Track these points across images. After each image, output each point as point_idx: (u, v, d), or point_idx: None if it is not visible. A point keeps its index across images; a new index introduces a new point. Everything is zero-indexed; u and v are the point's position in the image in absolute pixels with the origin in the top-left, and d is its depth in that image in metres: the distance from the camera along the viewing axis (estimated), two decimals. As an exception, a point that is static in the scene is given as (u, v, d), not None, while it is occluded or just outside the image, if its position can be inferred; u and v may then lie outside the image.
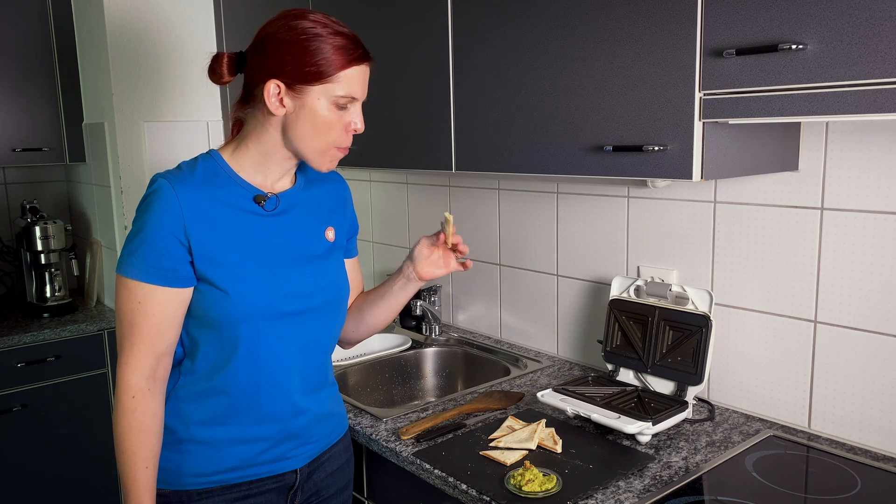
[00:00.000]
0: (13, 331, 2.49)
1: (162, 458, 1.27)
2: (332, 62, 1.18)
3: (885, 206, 1.35)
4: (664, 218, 1.71)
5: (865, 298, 1.39)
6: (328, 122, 1.21)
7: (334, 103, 1.20)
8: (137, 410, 1.20)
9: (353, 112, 1.24)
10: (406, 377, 2.12)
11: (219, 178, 1.25)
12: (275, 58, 1.20)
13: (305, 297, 1.29)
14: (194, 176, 1.23)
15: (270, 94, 1.20)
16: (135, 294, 1.19)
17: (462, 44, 1.65)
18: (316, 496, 1.40)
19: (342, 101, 1.21)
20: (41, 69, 2.68)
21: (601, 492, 1.26)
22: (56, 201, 3.11)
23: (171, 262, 1.19)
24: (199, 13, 2.67)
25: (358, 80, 1.22)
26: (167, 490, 1.27)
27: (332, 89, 1.19)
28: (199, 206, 1.21)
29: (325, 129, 1.22)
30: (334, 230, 1.39)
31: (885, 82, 1.00)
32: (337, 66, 1.18)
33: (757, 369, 1.58)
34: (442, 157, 1.74)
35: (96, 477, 2.65)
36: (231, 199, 1.25)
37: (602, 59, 1.35)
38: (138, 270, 1.19)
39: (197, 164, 1.26)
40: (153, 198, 1.20)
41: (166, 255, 1.19)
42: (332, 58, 1.18)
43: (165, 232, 1.19)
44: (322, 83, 1.18)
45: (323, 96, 1.19)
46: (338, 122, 1.22)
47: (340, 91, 1.20)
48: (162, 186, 1.20)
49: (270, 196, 1.28)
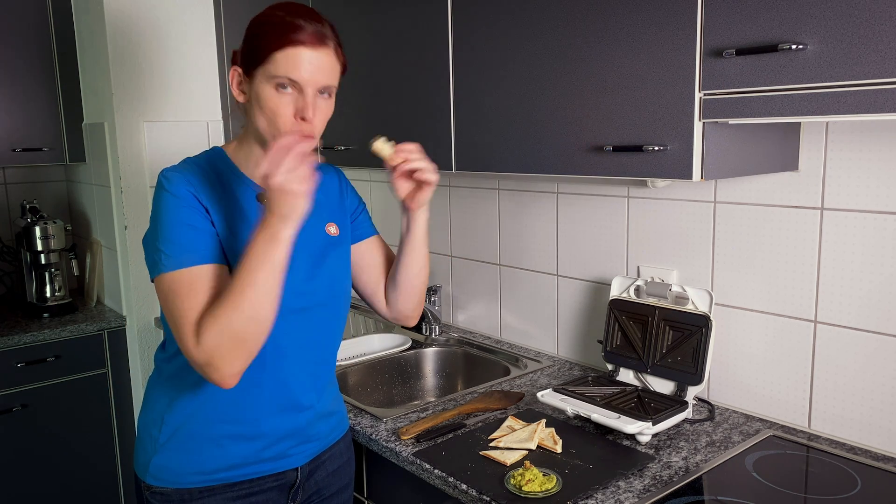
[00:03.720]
0: (13, 331, 2.49)
1: (163, 455, 1.27)
2: (268, 44, 1.15)
3: (884, 206, 1.35)
4: (664, 218, 1.71)
5: (865, 298, 1.39)
6: (271, 105, 1.16)
7: (274, 87, 1.16)
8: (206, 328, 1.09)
9: (300, 98, 1.17)
10: (406, 377, 2.12)
11: (223, 175, 1.25)
12: (240, 46, 1.22)
13: (308, 294, 1.29)
14: (201, 170, 1.24)
15: (233, 81, 1.22)
16: (183, 282, 1.13)
17: (462, 44, 1.65)
18: (317, 495, 1.40)
19: (280, 81, 1.15)
20: (41, 69, 2.68)
21: (601, 492, 1.26)
22: (56, 201, 3.11)
23: (205, 237, 1.16)
24: (199, 13, 2.67)
25: (297, 61, 1.15)
26: (169, 488, 1.27)
27: (269, 70, 1.15)
28: (209, 196, 1.21)
29: (272, 116, 1.17)
30: (336, 224, 1.38)
31: (885, 82, 1.00)
32: (271, 47, 1.15)
33: (757, 369, 1.58)
34: (442, 157, 1.74)
35: (96, 477, 2.65)
36: (236, 194, 1.25)
37: (602, 59, 1.35)
38: (177, 259, 1.14)
39: (203, 159, 1.26)
40: (164, 185, 1.19)
41: (197, 231, 1.16)
42: (269, 39, 1.15)
43: (187, 209, 1.16)
44: (262, 66, 1.16)
45: (264, 79, 1.16)
46: (283, 108, 1.16)
47: (277, 71, 1.14)
48: (170, 176, 1.20)
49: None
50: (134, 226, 2.60)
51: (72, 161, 2.79)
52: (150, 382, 1.37)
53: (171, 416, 1.27)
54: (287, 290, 1.25)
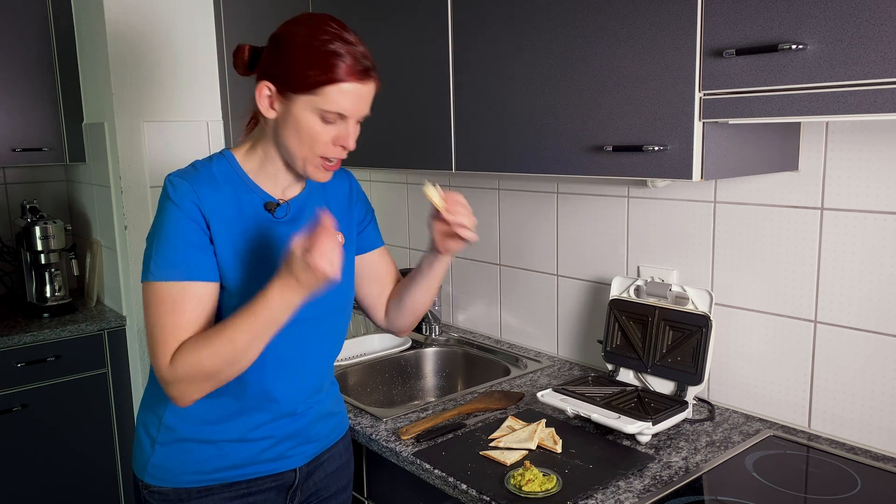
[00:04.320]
0: (13, 331, 2.49)
1: (162, 455, 1.27)
2: (317, 75, 1.13)
3: (884, 206, 1.35)
4: (664, 218, 1.71)
5: (865, 298, 1.39)
6: (312, 133, 1.17)
7: (321, 117, 1.16)
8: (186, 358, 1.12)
9: (343, 127, 1.18)
10: (406, 377, 2.12)
11: (232, 182, 1.23)
12: (273, 59, 1.17)
13: (312, 305, 1.28)
14: (209, 176, 1.21)
15: (262, 96, 1.18)
16: (167, 295, 1.14)
17: (462, 44, 1.65)
18: (315, 496, 1.40)
19: (328, 117, 1.16)
20: (41, 69, 2.68)
21: (601, 492, 1.26)
22: (56, 201, 3.11)
23: (199, 253, 1.16)
24: (199, 13, 2.66)
25: (348, 98, 1.15)
26: (166, 487, 1.27)
27: (318, 102, 1.14)
28: (215, 205, 1.19)
29: (310, 140, 1.17)
30: (342, 234, 1.37)
31: (885, 82, 1.00)
32: (321, 80, 1.13)
33: (757, 369, 1.58)
34: (442, 157, 1.74)
35: (96, 477, 2.65)
36: (243, 203, 1.23)
37: (602, 59, 1.35)
38: (167, 270, 1.14)
39: (212, 164, 1.24)
40: (168, 193, 1.17)
41: (192, 247, 1.15)
42: (319, 70, 1.13)
43: (186, 222, 1.16)
44: (308, 95, 1.14)
45: (309, 107, 1.15)
46: (324, 135, 1.17)
47: (327, 106, 1.14)
48: (175, 183, 1.18)
49: (281, 203, 1.27)
50: (134, 226, 2.60)
51: (72, 161, 2.79)
52: (150, 382, 1.37)
53: (170, 417, 1.27)
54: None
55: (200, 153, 2.71)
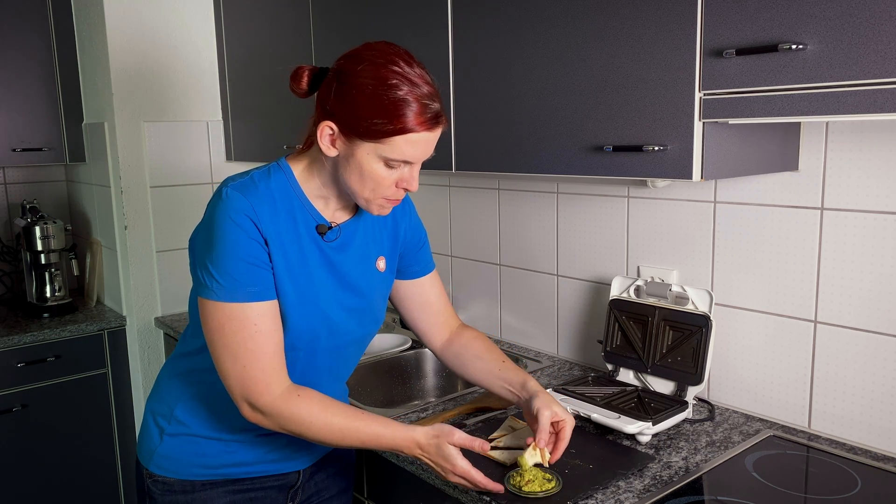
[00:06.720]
0: (13, 331, 2.49)
1: (171, 446, 1.28)
2: (389, 125, 1.08)
3: (884, 206, 1.35)
4: (664, 218, 1.71)
5: (865, 298, 1.39)
6: (376, 178, 1.14)
7: (385, 163, 1.13)
8: (300, 408, 1.15)
9: (408, 170, 1.15)
10: (406, 377, 2.12)
11: (289, 199, 1.20)
12: (337, 100, 1.12)
13: (344, 334, 1.28)
14: (268, 193, 1.17)
15: (324, 135, 1.13)
16: (248, 317, 1.12)
17: (462, 44, 1.65)
18: (316, 496, 1.40)
19: (394, 163, 1.13)
20: (41, 69, 2.68)
21: (601, 492, 1.26)
22: (56, 201, 3.11)
23: (263, 273, 1.14)
24: (199, 13, 2.66)
25: (418, 146, 1.12)
26: (172, 478, 1.28)
27: (383, 151, 1.11)
28: (272, 225, 1.16)
29: (373, 184, 1.14)
30: (385, 259, 1.34)
31: (885, 82, 1.00)
32: (390, 130, 1.09)
33: (757, 369, 1.58)
34: (442, 157, 1.74)
35: (96, 477, 2.65)
36: (298, 223, 1.20)
37: (602, 59, 1.35)
38: (236, 291, 1.12)
39: (270, 179, 1.19)
40: (227, 211, 1.13)
41: (256, 267, 1.14)
42: (391, 121, 1.08)
43: (247, 241, 1.13)
44: (375, 143, 1.10)
45: (374, 153, 1.11)
46: (388, 179, 1.14)
47: (393, 155, 1.11)
48: (233, 198, 1.14)
49: (332, 227, 1.24)
50: (134, 226, 2.60)
51: (72, 161, 2.79)
52: (164, 370, 1.36)
53: (182, 411, 1.28)
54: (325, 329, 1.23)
55: (200, 153, 2.72)
